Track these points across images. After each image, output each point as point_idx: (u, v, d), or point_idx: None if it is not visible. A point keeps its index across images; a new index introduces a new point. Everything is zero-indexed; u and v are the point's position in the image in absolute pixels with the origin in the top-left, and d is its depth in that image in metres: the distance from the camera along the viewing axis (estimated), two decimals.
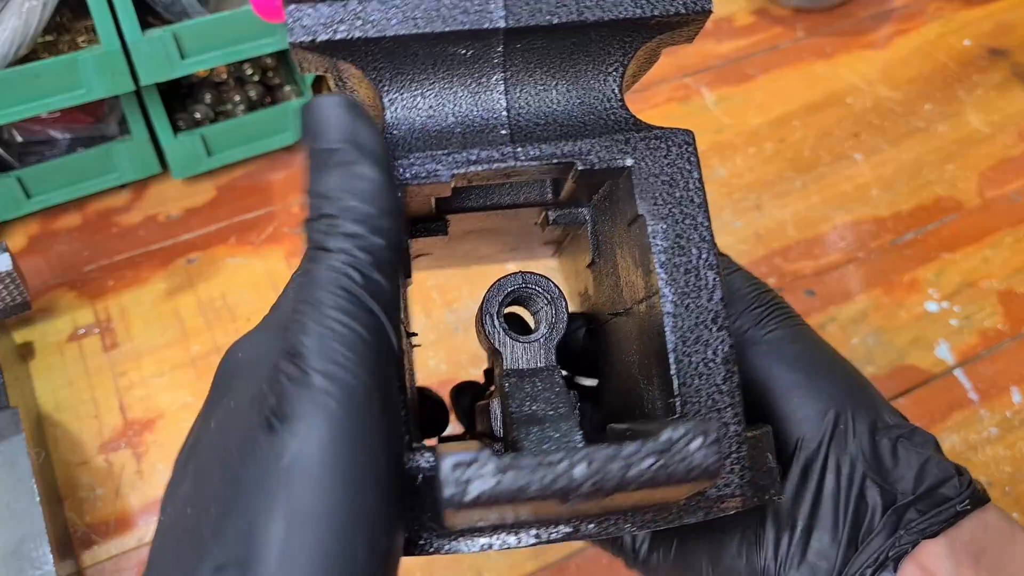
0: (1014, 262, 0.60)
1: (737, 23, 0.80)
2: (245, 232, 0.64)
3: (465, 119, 0.23)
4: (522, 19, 0.21)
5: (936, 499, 0.25)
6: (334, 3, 0.21)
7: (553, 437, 0.21)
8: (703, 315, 0.22)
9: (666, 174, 0.23)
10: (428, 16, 0.21)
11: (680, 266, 0.22)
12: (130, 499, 0.50)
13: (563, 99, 0.23)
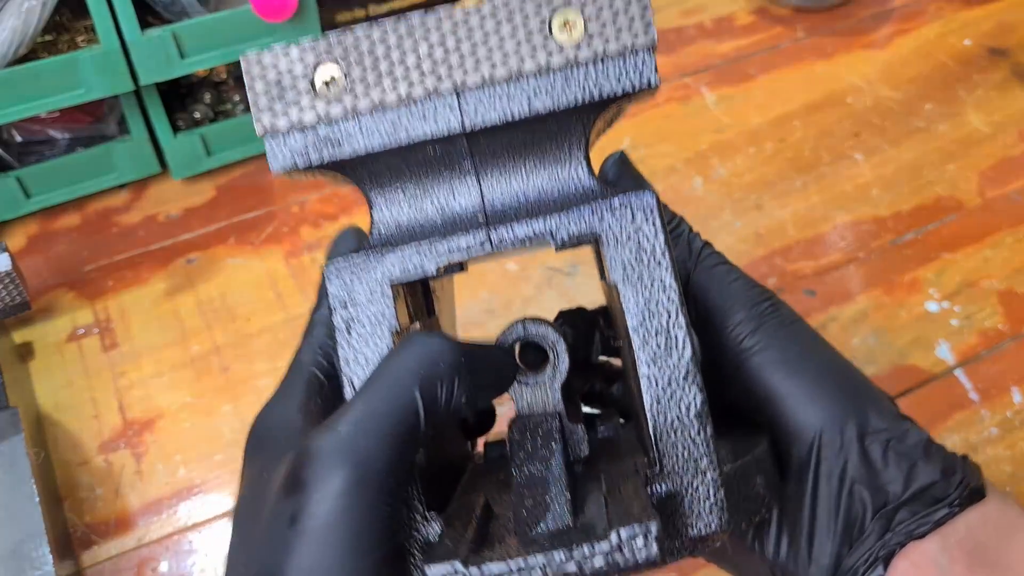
0: (1015, 262, 0.60)
1: (737, 23, 0.80)
2: (245, 232, 0.64)
3: (443, 208, 0.25)
4: (477, 121, 0.23)
5: (926, 499, 0.25)
6: (304, 131, 0.24)
7: (542, 509, 0.24)
8: (675, 373, 0.24)
9: (633, 240, 0.24)
10: (390, 130, 0.24)
11: (651, 329, 0.24)
12: (130, 499, 0.50)
13: (532, 177, 0.25)
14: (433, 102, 0.24)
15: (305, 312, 0.58)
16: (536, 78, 0.24)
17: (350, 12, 0.73)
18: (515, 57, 0.24)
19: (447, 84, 0.23)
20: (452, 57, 0.23)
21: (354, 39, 0.23)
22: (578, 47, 0.24)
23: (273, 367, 0.56)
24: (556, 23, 0.24)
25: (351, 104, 0.24)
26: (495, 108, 0.24)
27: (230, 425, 0.53)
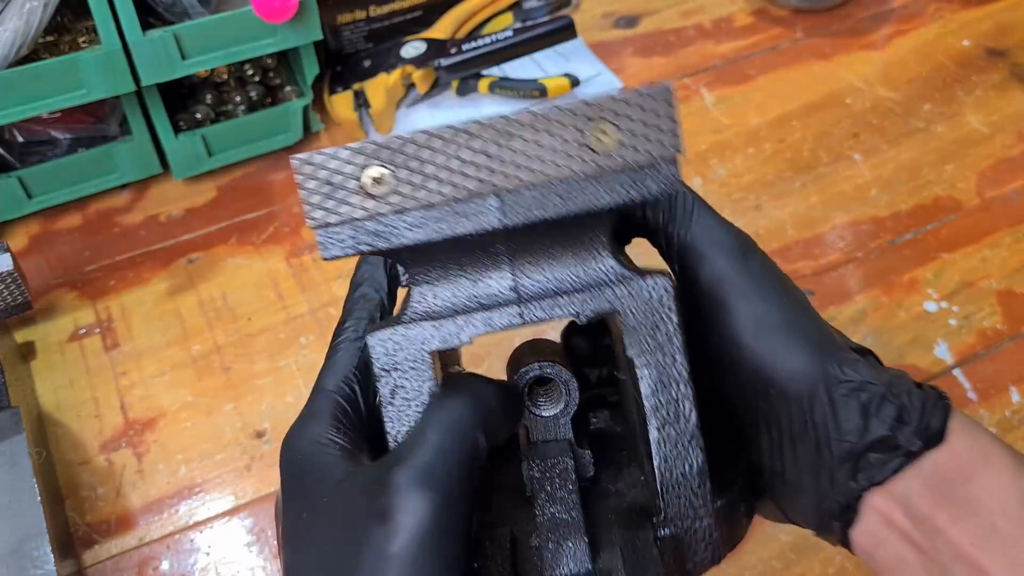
0: (1013, 262, 0.61)
1: (736, 24, 0.81)
2: (246, 232, 0.64)
3: (478, 287, 0.28)
4: (516, 220, 0.26)
5: (884, 447, 0.27)
6: (353, 226, 0.26)
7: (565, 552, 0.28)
8: (682, 438, 0.28)
9: (649, 320, 0.28)
10: (435, 226, 0.26)
11: (662, 400, 0.28)
12: (131, 498, 0.50)
13: (561, 261, 0.28)
14: (475, 202, 0.26)
15: (306, 311, 0.59)
16: (572, 183, 0.26)
17: (351, 13, 0.73)
18: (553, 164, 0.26)
19: (489, 186, 0.26)
20: (494, 162, 0.26)
21: (400, 143, 0.25)
22: (611, 157, 0.26)
23: (274, 367, 0.56)
24: (593, 135, 0.26)
25: (398, 202, 0.25)
26: (533, 209, 0.26)
27: (231, 424, 0.53)
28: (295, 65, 0.70)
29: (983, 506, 0.26)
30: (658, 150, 0.26)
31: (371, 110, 0.70)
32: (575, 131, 0.26)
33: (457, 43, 0.72)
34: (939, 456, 0.27)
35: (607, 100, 0.25)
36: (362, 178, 0.25)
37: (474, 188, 0.26)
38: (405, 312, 0.28)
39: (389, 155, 0.25)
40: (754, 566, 0.46)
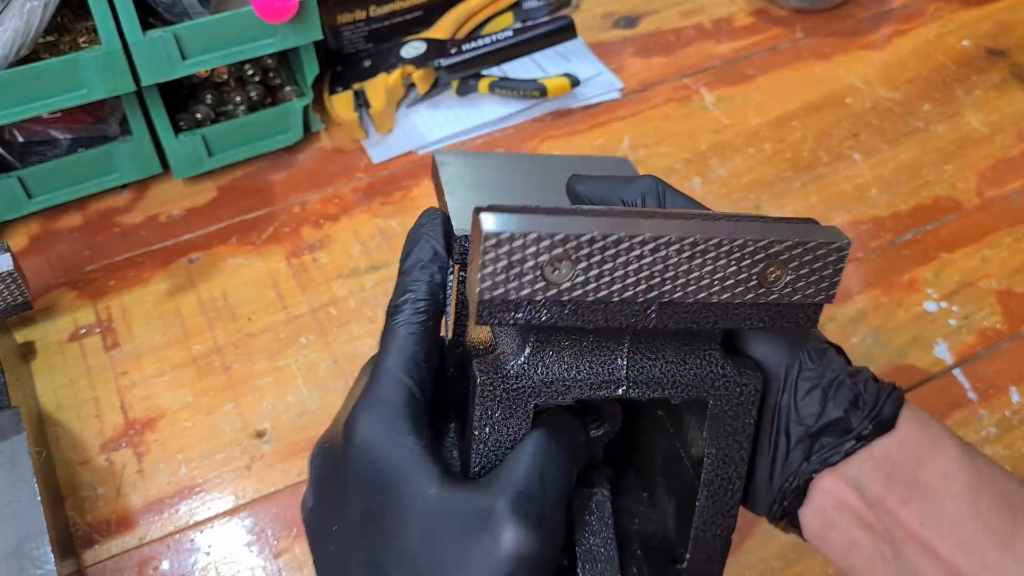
0: (1013, 262, 0.61)
1: (736, 24, 0.81)
2: (246, 232, 0.64)
3: (595, 362, 0.29)
4: (668, 324, 0.27)
5: (838, 431, 0.29)
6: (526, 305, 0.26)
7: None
8: (723, 508, 0.30)
9: (732, 411, 0.30)
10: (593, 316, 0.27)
11: (719, 476, 0.30)
12: (131, 498, 0.50)
13: (675, 353, 0.30)
14: (637, 304, 0.27)
15: (306, 311, 0.59)
16: (730, 307, 0.27)
17: (351, 13, 0.73)
18: (720, 288, 0.27)
19: (655, 294, 0.27)
20: (668, 273, 0.26)
21: (589, 238, 0.25)
22: (773, 292, 0.27)
23: (274, 366, 0.56)
24: (767, 270, 0.27)
25: (571, 293, 0.26)
26: (687, 320, 0.27)
27: (231, 424, 0.53)
28: (295, 65, 0.70)
29: (932, 489, 0.28)
30: (814, 297, 0.27)
31: (371, 110, 0.70)
32: (752, 264, 0.27)
33: (457, 43, 0.72)
34: (890, 442, 0.28)
35: (791, 241, 0.26)
36: (543, 264, 0.25)
37: (643, 296, 0.26)
38: (519, 360, 0.28)
39: (576, 248, 0.25)
40: (754, 565, 0.46)
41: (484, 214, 0.25)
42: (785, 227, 0.27)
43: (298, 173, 0.68)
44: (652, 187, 0.34)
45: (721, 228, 0.26)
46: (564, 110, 0.73)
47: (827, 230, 0.27)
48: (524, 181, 0.41)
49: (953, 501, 0.27)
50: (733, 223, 0.27)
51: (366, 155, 0.70)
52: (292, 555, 0.47)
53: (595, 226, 0.25)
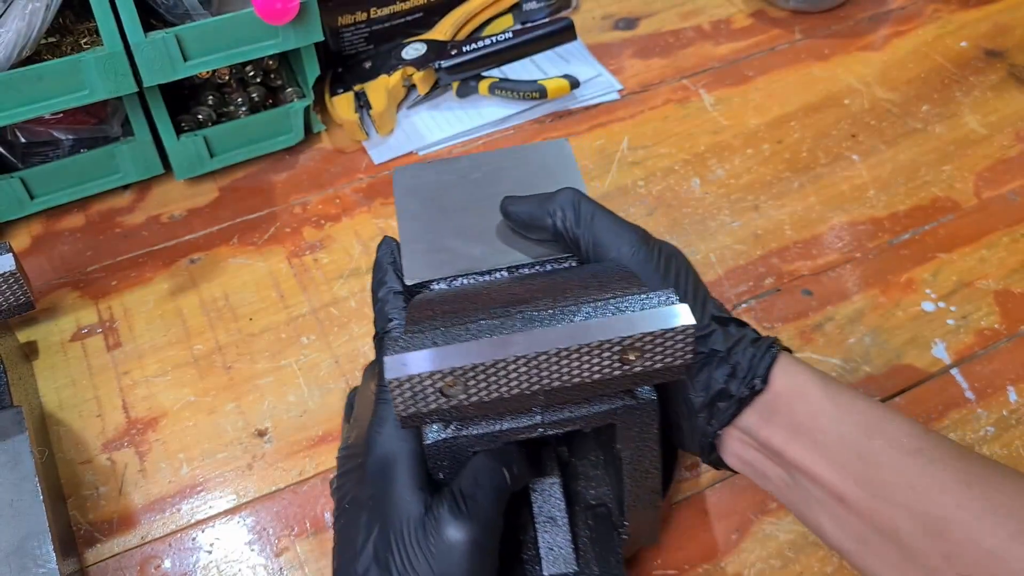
0: (1010, 262, 0.61)
1: (735, 25, 0.81)
2: (247, 232, 0.64)
3: (512, 419, 0.37)
4: (555, 415, 0.37)
5: (725, 395, 0.37)
6: (431, 414, 0.34)
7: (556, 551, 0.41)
8: (646, 489, 0.40)
9: (636, 427, 0.37)
10: (490, 413, 0.36)
11: (636, 470, 0.39)
12: (133, 497, 0.50)
13: (580, 404, 0.37)
14: (526, 395, 0.34)
15: (307, 311, 0.59)
16: (604, 381, 0.34)
17: (352, 15, 0.73)
18: (589, 373, 0.34)
19: (538, 387, 0.33)
20: (544, 373, 0.33)
21: (473, 367, 0.32)
22: (636, 367, 0.34)
23: (275, 366, 0.56)
24: (623, 355, 0.33)
25: (466, 399, 0.33)
26: (568, 394, 0.34)
27: (233, 424, 0.53)
28: (296, 66, 0.70)
29: (804, 427, 0.36)
30: (674, 363, 0.34)
31: (372, 111, 0.70)
32: (611, 355, 0.33)
33: (457, 45, 0.73)
34: (766, 396, 0.37)
35: (639, 334, 0.33)
36: (440, 388, 0.33)
37: (529, 389, 0.33)
38: (451, 429, 0.36)
39: (462, 374, 0.32)
40: (752, 564, 0.47)
41: (387, 359, 0.32)
42: (636, 317, 0.33)
43: (299, 174, 0.69)
44: (571, 200, 0.41)
45: (580, 333, 0.33)
46: (564, 111, 0.73)
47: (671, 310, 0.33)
48: (470, 186, 0.48)
49: (821, 434, 0.35)
50: (589, 322, 0.33)
51: (367, 156, 0.70)
52: (293, 554, 0.48)
53: (475, 356, 0.32)
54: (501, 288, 0.40)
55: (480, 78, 0.73)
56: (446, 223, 0.45)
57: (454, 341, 0.33)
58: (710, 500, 0.49)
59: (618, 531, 0.42)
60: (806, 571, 0.46)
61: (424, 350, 0.33)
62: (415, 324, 0.37)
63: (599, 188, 0.67)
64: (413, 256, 0.44)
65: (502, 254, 0.44)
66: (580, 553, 0.41)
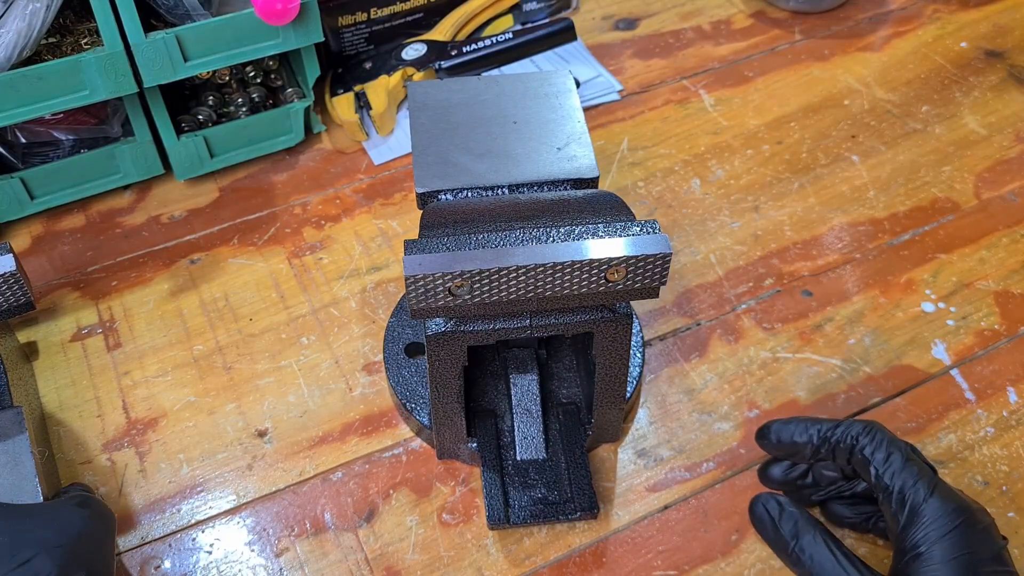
0: (1010, 263, 0.61)
1: (735, 26, 0.81)
2: (248, 233, 0.64)
3: (505, 320, 0.43)
4: (543, 321, 0.43)
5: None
6: (439, 309, 0.40)
7: (529, 440, 0.49)
8: (611, 396, 0.47)
9: (610, 337, 0.44)
10: (491, 313, 0.41)
11: (606, 377, 0.46)
12: (133, 498, 0.50)
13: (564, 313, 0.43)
14: (522, 300, 0.40)
15: (307, 312, 0.59)
16: (590, 294, 0.40)
17: (352, 15, 0.73)
18: (577, 285, 0.39)
19: (532, 294, 0.39)
20: (539, 283, 0.39)
21: (478, 272, 0.38)
22: (618, 285, 0.39)
23: (276, 366, 0.56)
24: (608, 273, 0.39)
25: (469, 299, 0.39)
26: (559, 302, 0.40)
27: (233, 424, 0.53)
28: (296, 67, 0.70)
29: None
30: (651, 284, 0.40)
31: (372, 112, 0.70)
32: (597, 272, 0.38)
33: (458, 45, 0.73)
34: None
35: (622, 257, 0.38)
36: (448, 287, 0.38)
37: (524, 296, 0.39)
38: (452, 322, 0.42)
39: (468, 278, 0.38)
40: (752, 565, 0.47)
41: (406, 258, 0.38)
42: (622, 242, 0.39)
43: (299, 174, 0.69)
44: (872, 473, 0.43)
45: (572, 251, 0.38)
46: None
47: (651, 239, 0.39)
48: (479, 106, 0.50)
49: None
50: (581, 243, 0.39)
51: (367, 156, 0.70)
52: (293, 554, 0.48)
53: (482, 262, 0.38)
54: (505, 205, 0.43)
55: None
56: (455, 138, 0.48)
57: (464, 248, 0.38)
58: (710, 501, 0.49)
59: (584, 426, 0.49)
60: None
61: (439, 253, 0.38)
62: (429, 229, 0.41)
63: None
64: (424, 166, 0.47)
65: (505, 172, 0.47)
66: (550, 443, 0.49)
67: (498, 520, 0.46)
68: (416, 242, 0.39)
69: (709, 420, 0.53)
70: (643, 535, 0.48)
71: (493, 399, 0.50)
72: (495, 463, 0.48)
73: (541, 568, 0.47)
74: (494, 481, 0.47)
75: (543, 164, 0.47)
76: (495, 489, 0.47)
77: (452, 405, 0.47)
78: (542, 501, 0.47)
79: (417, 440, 0.52)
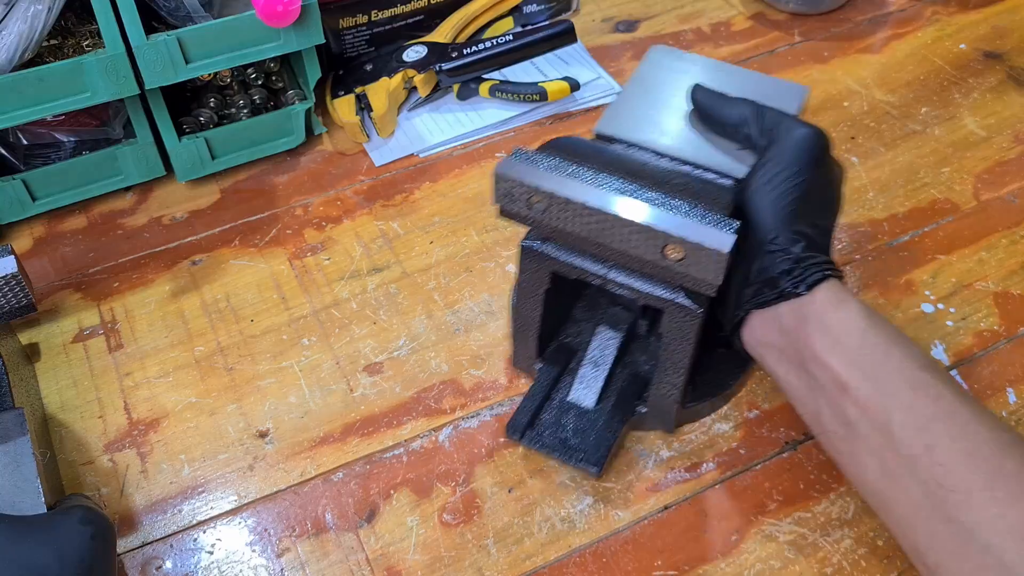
0: (1009, 264, 0.61)
1: (734, 28, 0.81)
2: (249, 234, 0.65)
3: (586, 261, 0.46)
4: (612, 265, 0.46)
5: (773, 284, 0.42)
6: (517, 214, 0.44)
7: (587, 382, 0.52)
8: (672, 377, 0.48)
9: (678, 323, 0.45)
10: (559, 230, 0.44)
11: (667, 359, 0.47)
12: (135, 498, 0.50)
13: (643, 276, 0.45)
14: (583, 236, 0.43)
15: (308, 313, 0.59)
16: (644, 262, 0.42)
17: (353, 17, 0.74)
18: (633, 247, 0.41)
19: (588, 235, 0.42)
20: (599, 226, 0.41)
21: (548, 195, 0.41)
22: (670, 263, 0.41)
23: (277, 367, 0.56)
24: (665, 247, 0.40)
25: (541, 215, 0.43)
26: (613, 255, 0.43)
27: (234, 425, 0.53)
28: (297, 69, 0.70)
29: (832, 329, 0.40)
30: (704, 278, 0.40)
31: (373, 114, 0.71)
32: (654, 241, 0.40)
33: (458, 47, 0.73)
34: (806, 300, 0.41)
35: (679, 236, 0.39)
36: (526, 198, 0.42)
37: (585, 232, 0.42)
38: (541, 241, 0.46)
39: (540, 197, 0.42)
40: (752, 565, 0.47)
41: (503, 160, 0.42)
42: (688, 223, 0.40)
43: (300, 176, 0.69)
44: (745, 117, 0.46)
45: (640, 212, 0.40)
46: (564, 113, 0.73)
47: (719, 234, 0.39)
48: (702, 82, 0.51)
49: (847, 336, 0.39)
50: (652, 209, 0.40)
51: (368, 158, 0.70)
52: (295, 554, 0.48)
53: (558, 189, 0.41)
54: (635, 163, 0.46)
55: (481, 80, 0.73)
56: (657, 104, 0.51)
57: (552, 171, 0.42)
58: (710, 501, 0.49)
59: (637, 402, 0.50)
60: (805, 572, 0.46)
61: (530, 164, 0.42)
62: (548, 148, 0.45)
63: None
64: (614, 114, 0.50)
65: (675, 148, 0.49)
66: (601, 400, 0.50)
67: (514, 431, 0.49)
68: (523, 151, 0.43)
69: (709, 420, 0.53)
70: (643, 535, 0.48)
71: (579, 343, 0.53)
72: (545, 389, 0.51)
73: (541, 568, 0.47)
74: (534, 401, 0.50)
75: (713, 155, 0.48)
76: (530, 408, 0.50)
77: (530, 321, 0.50)
78: (560, 440, 0.49)
79: (418, 440, 0.52)
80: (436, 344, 0.57)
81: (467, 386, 0.55)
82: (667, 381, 0.48)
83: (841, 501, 0.49)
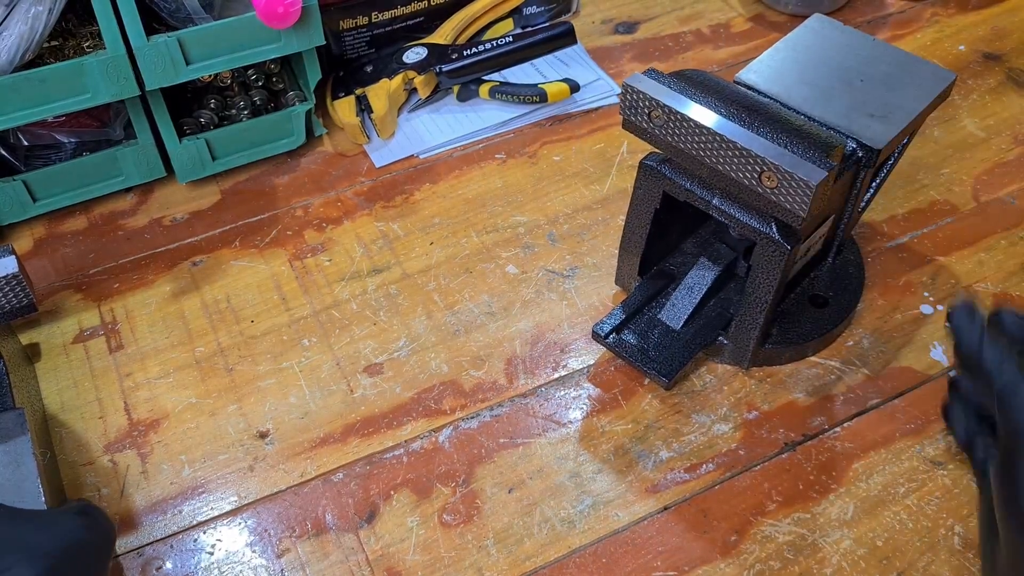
0: (1008, 265, 0.61)
1: (734, 29, 0.81)
2: (249, 235, 0.65)
3: (696, 185, 0.50)
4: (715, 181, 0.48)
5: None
6: (639, 126, 0.49)
7: (678, 303, 0.55)
8: (755, 310, 0.51)
9: (768, 257, 0.48)
10: (673, 146, 0.48)
11: (751, 292, 0.51)
12: (135, 499, 0.50)
13: (744, 207, 0.49)
14: (692, 154, 0.46)
15: (309, 314, 0.59)
16: (743, 186, 0.45)
17: (353, 19, 0.74)
18: (734, 169, 0.45)
19: (697, 153, 0.46)
20: (706, 146, 0.45)
21: (667, 109, 0.45)
22: (765, 188, 0.44)
23: (277, 368, 0.56)
24: (762, 174, 0.43)
25: (659, 128, 0.47)
26: (713, 177, 0.47)
27: (235, 425, 0.54)
28: (298, 70, 0.71)
29: None
30: (793, 206, 0.43)
31: (373, 115, 0.71)
32: (752, 166, 0.43)
33: (458, 49, 0.73)
34: None
35: (773, 164, 0.42)
36: (648, 110, 0.46)
37: (693, 151, 0.46)
38: (658, 161, 0.51)
39: (660, 110, 0.46)
40: (752, 565, 0.47)
41: (633, 75, 0.47)
42: (786, 155, 0.43)
43: (301, 177, 0.69)
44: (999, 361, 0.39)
45: (745, 139, 0.43)
46: (564, 115, 0.73)
47: (813, 168, 0.42)
48: (852, 60, 0.53)
49: None
50: (757, 138, 0.43)
51: (368, 159, 0.70)
52: (295, 555, 0.48)
53: (677, 105, 0.45)
54: (762, 106, 0.48)
55: (481, 82, 0.73)
56: (805, 63, 0.53)
57: (680, 92, 0.46)
58: (710, 501, 0.49)
59: (721, 332, 0.53)
60: (805, 572, 0.46)
61: (656, 83, 0.46)
62: (680, 75, 0.48)
63: (599, 191, 0.67)
64: (764, 66, 0.53)
65: (808, 104, 0.50)
66: (687, 323, 0.54)
67: (599, 333, 0.53)
68: (654, 70, 0.47)
69: (708, 421, 0.53)
70: (643, 536, 0.48)
71: (680, 272, 0.56)
72: (639, 303, 0.55)
73: (541, 568, 0.47)
74: (626, 311, 0.54)
75: (844, 116, 0.49)
76: (619, 315, 0.54)
77: (637, 238, 0.54)
78: (641, 349, 0.52)
79: (418, 441, 0.52)
80: (436, 345, 0.57)
81: (467, 387, 0.55)
82: (749, 316, 0.51)
83: (840, 502, 0.49)
